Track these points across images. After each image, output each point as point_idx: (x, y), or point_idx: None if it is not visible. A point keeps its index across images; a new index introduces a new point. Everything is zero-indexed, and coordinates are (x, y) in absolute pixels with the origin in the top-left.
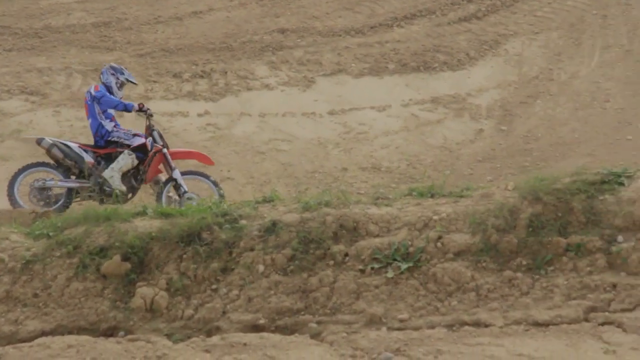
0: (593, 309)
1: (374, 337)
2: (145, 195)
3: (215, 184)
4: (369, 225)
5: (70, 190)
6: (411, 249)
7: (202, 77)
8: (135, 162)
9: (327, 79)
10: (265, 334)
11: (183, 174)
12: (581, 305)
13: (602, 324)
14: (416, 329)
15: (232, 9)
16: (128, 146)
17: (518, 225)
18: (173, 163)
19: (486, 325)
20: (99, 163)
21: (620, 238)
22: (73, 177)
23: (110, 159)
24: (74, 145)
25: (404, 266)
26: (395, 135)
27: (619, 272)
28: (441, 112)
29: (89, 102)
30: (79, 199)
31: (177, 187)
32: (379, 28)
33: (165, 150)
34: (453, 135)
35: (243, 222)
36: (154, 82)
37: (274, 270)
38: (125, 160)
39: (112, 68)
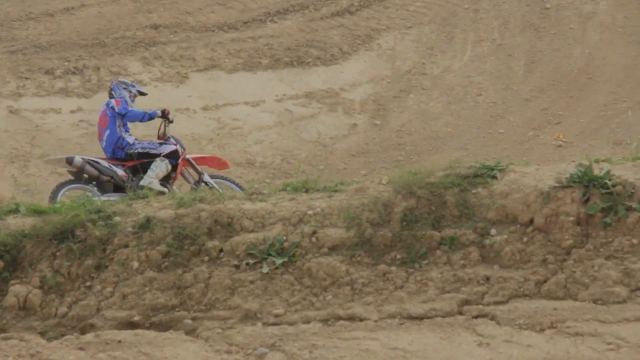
0: (467, 302)
1: (249, 333)
2: None
3: (240, 187)
4: (244, 221)
5: None
6: (286, 244)
7: (74, 73)
8: (169, 167)
9: (201, 75)
10: (140, 331)
11: (211, 177)
12: (455, 299)
13: (476, 317)
14: (291, 323)
15: (104, 5)
16: (156, 155)
17: (392, 220)
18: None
19: (361, 320)
20: (129, 175)
21: (493, 231)
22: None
23: (137, 170)
24: (102, 161)
25: (278, 261)
26: (269, 130)
27: (492, 265)
28: (315, 107)
29: (110, 115)
30: None
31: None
32: (252, 23)
33: (188, 155)
34: (327, 130)
35: (117, 218)
36: (26, 79)
37: (148, 267)
38: (160, 167)
39: (122, 83)
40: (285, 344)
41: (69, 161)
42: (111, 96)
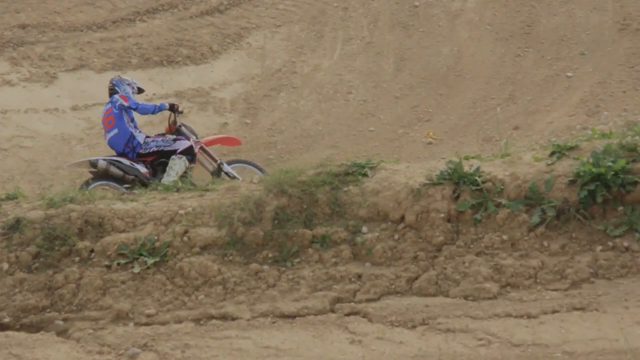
0: (339, 300)
1: (121, 333)
2: None
3: (261, 169)
4: (115, 221)
5: None
6: (157, 244)
7: None
8: (187, 163)
9: (70, 75)
10: (10, 333)
11: (229, 163)
12: (327, 297)
13: (348, 315)
14: (163, 323)
15: None
16: (171, 152)
17: (264, 218)
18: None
19: (233, 319)
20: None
21: (364, 229)
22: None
23: (155, 165)
24: (124, 160)
25: (150, 261)
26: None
27: (363, 262)
28: (185, 106)
29: (116, 112)
30: None
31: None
32: (121, 23)
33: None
34: (198, 129)
35: None
36: None
37: (18, 268)
38: (179, 165)
39: (123, 79)
40: (157, 344)
41: (93, 164)
42: (112, 93)
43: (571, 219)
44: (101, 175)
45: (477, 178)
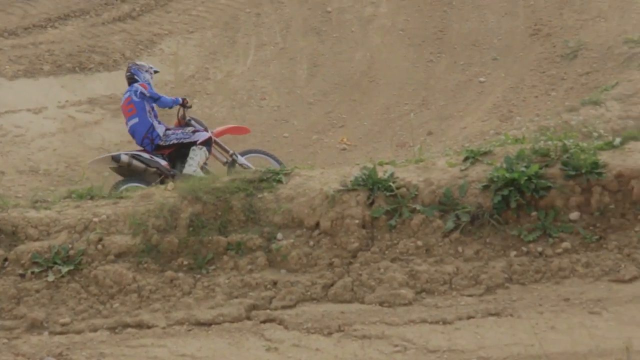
0: (255, 307)
1: (36, 342)
2: None
3: (277, 160)
4: (28, 229)
5: None
6: (72, 252)
7: None
8: (208, 154)
9: None
10: None
11: (242, 154)
12: (243, 304)
13: (264, 322)
14: (78, 332)
15: None
16: (191, 144)
17: (179, 225)
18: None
19: (149, 327)
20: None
21: (279, 235)
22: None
23: (173, 157)
24: (143, 153)
25: (64, 269)
26: (52, 137)
27: (279, 269)
28: (98, 113)
29: (137, 101)
30: None
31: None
32: (33, 29)
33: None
34: (111, 136)
35: None
36: None
37: None
38: (200, 155)
39: (140, 65)
40: (72, 352)
41: (116, 159)
42: (131, 81)
43: (485, 225)
44: (122, 170)
45: (391, 184)
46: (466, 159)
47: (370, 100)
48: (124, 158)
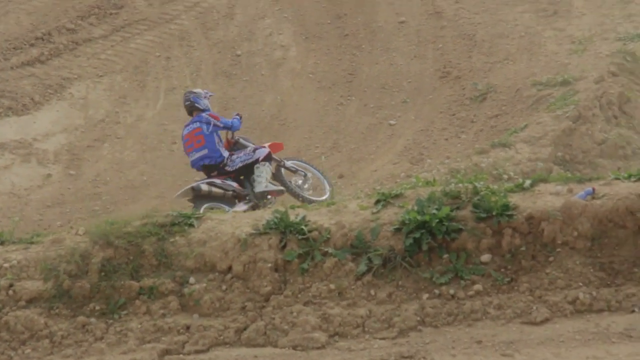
0: (167, 352)
1: None
2: None
3: (323, 174)
4: None
5: None
6: None
7: None
8: (271, 168)
9: None
10: None
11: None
12: (155, 349)
13: None
14: None
15: None
16: (254, 163)
17: (90, 270)
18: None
19: None
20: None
21: (192, 279)
22: (239, 202)
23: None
24: (216, 180)
25: None
26: None
27: (192, 313)
28: (8, 158)
29: (207, 133)
30: None
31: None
32: None
33: None
34: (21, 181)
35: None
36: None
37: None
38: (266, 171)
39: (197, 93)
40: None
41: (197, 189)
42: (191, 110)
43: (397, 267)
44: (202, 196)
45: (303, 227)
46: (378, 201)
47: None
48: (204, 187)
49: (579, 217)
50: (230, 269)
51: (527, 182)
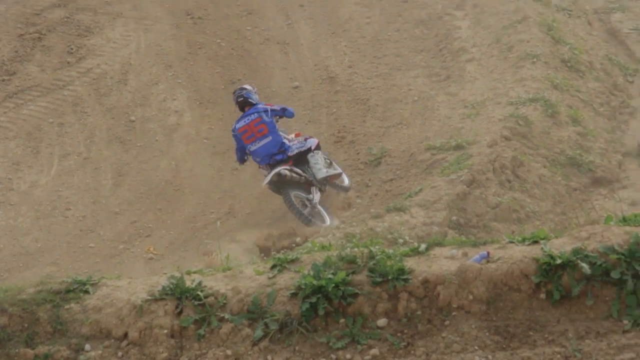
0: None
1: None
2: None
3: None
4: None
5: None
6: None
7: None
8: (324, 155)
9: None
10: None
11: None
12: None
13: None
14: None
15: None
16: (306, 151)
17: None
18: None
19: None
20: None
21: (87, 347)
22: (313, 189)
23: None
24: (286, 166)
25: None
26: None
27: None
28: None
29: (268, 121)
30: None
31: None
32: None
33: None
34: None
35: None
36: None
37: None
38: (321, 158)
39: (248, 89)
40: None
41: (283, 175)
42: (243, 104)
43: (294, 332)
44: (286, 183)
45: (199, 293)
46: (274, 266)
47: (177, 209)
48: (287, 173)
49: (474, 281)
50: (126, 335)
51: (423, 246)
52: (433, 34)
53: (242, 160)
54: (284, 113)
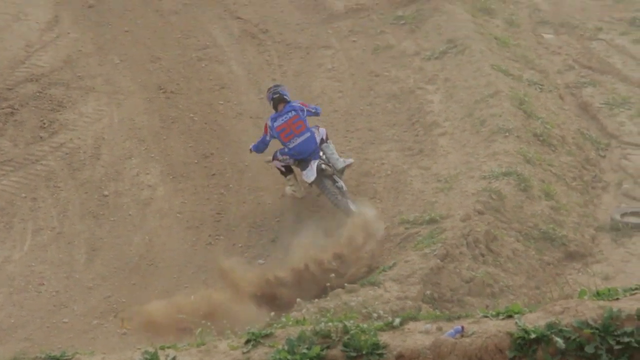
0: None
1: None
2: None
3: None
4: None
5: None
6: None
7: None
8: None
9: None
10: None
11: None
12: None
13: None
14: None
15: None
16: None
17: None
18: None
19: None
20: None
21: None
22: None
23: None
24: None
25: None
26: None
27: None
28: None
29: (304, 119)
30: None
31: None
32: None
33: None
34: None
35: None
36: None
37: None
38: (333, 147)
39: (283, 86)
40: None
41: (324, 169)
42: (278, 101)
43: None
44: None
45: None
46: (248, 341)
47: (150, 284)
48: (326, 167)
49: (448, 355)
50: None
51: (397, 321)
52: (405, 107)
53: (260, 151)
54: (316, 113)
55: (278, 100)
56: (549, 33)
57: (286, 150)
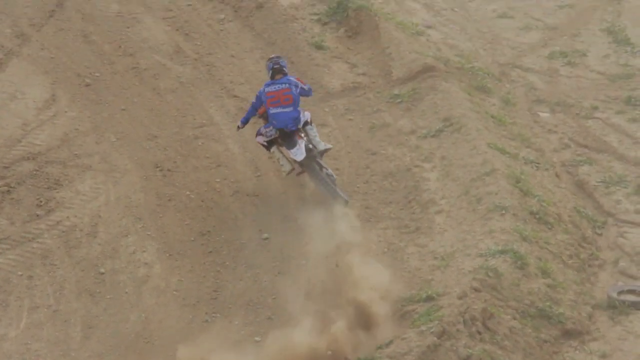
0: None
1: None
2: None
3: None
4: None
5: None
6: None
7: None
8: None
9: None
10: None
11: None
12: None
13: None
14: None
15: None
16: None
17: None
18: None
19: None
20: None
21: None
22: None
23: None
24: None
25: None
26: None
27: None
28: None
29: (295, 93)
30: None
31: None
32: None
33: None
34: None
35: None
36: None
37: None
38: (315, 130)
39: (283, 58)
40: None
41: (312, 150)
42: (277, 71)
43: None
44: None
45: None
46: None
47: None
48: (312, 147)
49: None
50: None
51: None
52: (402, 185)
53: (245, 121)
54: (308, 93)
55: (277, 71)
56: (545, 112)
57: (268, 116)
